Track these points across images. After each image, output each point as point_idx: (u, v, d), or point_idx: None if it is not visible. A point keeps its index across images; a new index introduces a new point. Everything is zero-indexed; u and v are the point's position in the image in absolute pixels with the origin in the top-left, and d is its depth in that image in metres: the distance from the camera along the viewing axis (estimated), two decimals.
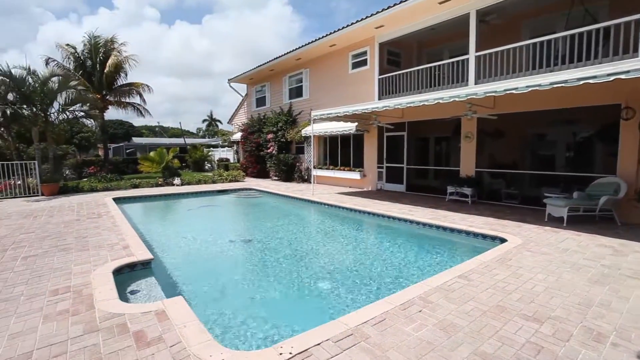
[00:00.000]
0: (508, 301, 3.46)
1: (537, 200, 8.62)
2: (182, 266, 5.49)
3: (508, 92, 6.12)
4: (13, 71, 12.08)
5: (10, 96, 12.26)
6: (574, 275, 4.15)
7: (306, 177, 16.10)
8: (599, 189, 7.15)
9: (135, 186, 14.03)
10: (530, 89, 5.81)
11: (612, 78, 4.89)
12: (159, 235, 7.38)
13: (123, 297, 3.71)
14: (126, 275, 4.49)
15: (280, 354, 2.53)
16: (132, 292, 4.11)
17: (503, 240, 5.82)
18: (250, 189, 14.20)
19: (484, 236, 6.27)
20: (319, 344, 2.65)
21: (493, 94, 6.40)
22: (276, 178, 17.57)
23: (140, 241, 5.72)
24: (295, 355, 2.52)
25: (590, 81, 5.12)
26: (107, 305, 3.34)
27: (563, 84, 5.40)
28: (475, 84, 9.07)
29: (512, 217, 7.65)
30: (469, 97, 6.86)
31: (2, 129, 14.09)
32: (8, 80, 11.96)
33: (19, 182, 11.86)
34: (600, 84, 5.35)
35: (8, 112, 11.75)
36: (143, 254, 4.98)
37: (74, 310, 3.26)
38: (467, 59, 9.30)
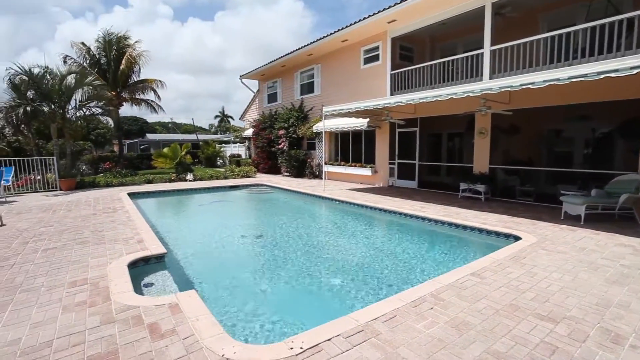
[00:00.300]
0: (522, 300, 3.40)
1: (552, 197, 8.43)
2: (195, 260, 5.58)
3: (524, 87, 5.97)
4: (33, 70, 12.43)
5: (29, 94, 12.61)
6: (592, 275, 4.05)
7: (317, 173, 16.10)
8: (619, 187, 6.93)
9: (149, 181, 14.29)
10: (547, 84, 5.66)
11: (635, 72, 4.72)
12: (172, 229, 7.51)
13: (138, 289, 3.80)
14: (140, 269, 4.59)
15: (291, 348, 2.55)
16: (146, 285, 4.20)
17: (517, 238, 5.72)
18: (261, 185, 14.29)
19: (498, 234, 6.17)
20: (329, 340, 2.66)
21: (508, 89, 6.26)
22: (287, 174, 17.63)
23: (154, 235, 5.83)
24: (306, 350, 2.54)
25: (612, 75, 4.95)
26: (123, 298, 3.42)
27: (582, 78, 5.24)
28: (490, 78, 8.88)
29: (526, 214, 7.50)
30: (483, 93, 6.72)
31: (23, 126, 14.51)
32: (28, 78, 12.30)
33: (39, 177, 12.23)
34: (622, 78, 5.16)
35: (28, 109, 12.09)
36: (157, 248, 5.08)
37: (91, 302, 3.35)
38: (482, 54, 9.11)
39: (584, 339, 2.71)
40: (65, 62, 17.54)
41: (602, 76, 5.03)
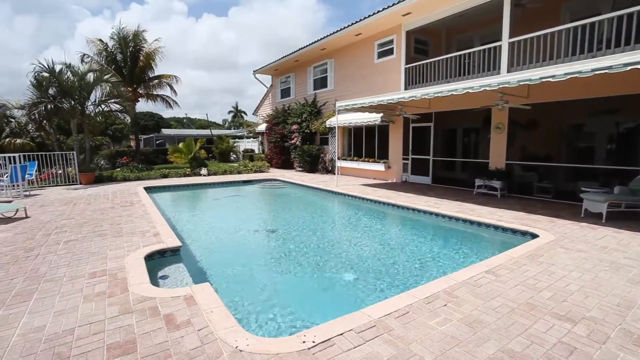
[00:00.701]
0: (538, 299, 3.33)
1: (572, 194, 8.18)
2: (209, 254, 5.67)
3: (544, 80, 5.79)
4: (55, 67, 12.81)
5: (51, 91, 12.99)
6: (613, 275, 3.92)
7: (330, 169, 16.08)
8: None
9: (165, 176, 14.56)
10: (569, 77, 5.46)
11: None
12: (186, 223, 7.64)
13: (154, 281, 3.89)
14: (156, 261, 4.70)
15: (304, 342, 2.57)
16: (162, 277, 4.30)
17: (534, 236, 5.58)
18: (274, 180, 14.38)
19: (514, 231, 6.04)
20: (341, 334, 2.67)
21: (527, 83, 6.08)
22: (300, 169, 17.67)
23: (169, 229, 5.95)
24: (318, 344, 2.55)
25: (639, 66, 4.74)
26: (140, 289, 3.51)
27: (607, 71, 5.04)
28: (508, 72, 8.64)
29: (544, 211, 7.31)
30: (500, 86, 6.55)
31: (45, 122, 14.97)
32: (50, 75, 12.67)
33: (60, 172, 12.63)
34: None
35: (50, 106, 12.47)
36: (172, 242, 5.19)
37: (110, 292, 3.46)
38: (500, 46, 8.86)
39: (605, 341, 2.63)
40: (82, 60, 17.95)
41: (629, 68, 4.82)
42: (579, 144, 8.60)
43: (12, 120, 18.33)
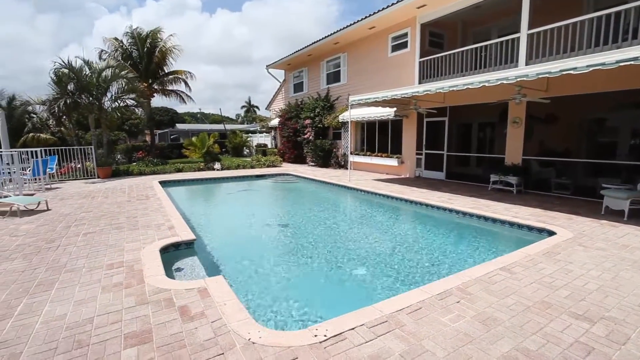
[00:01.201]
0: (555, 297, 3.25)
1: (592, 191, 7.94)
2: (222, 247, 5.75)
3: (565, 72, 5.60)
4: (73, 63, 13.15)
5: (70, 87, 13.34)
6: (635, 274, 3.80)
7: (343, 163, 16.04)
8: None
9: (179, 170, 14.80)
10: (591, 69, 5.27)
11: None
12: (201, 217, 7.76)
13: (169, 273, 3.97)
14: (171, 254, 4.79)
15: (315, 335, 2.59)
16: (177, 270, 4.38)
17: (551, 233, 5.45)
18: (287, 174, 14.43)
19: (530, 228, 5.91)
20: (353, 329, 2.68)
21: (547, 75, 5.90)
22: (313, 164, 17.68)
23: (184, 222, 6.06)
24: (330, 337, 2.56)
25: None
26: (155, 281, 3.60)
27: (633, 62, 4.83)
28: (526, 64, 8.39)
29: (562, 208, 7.12)
30: (518, 80, 6.37)
31: (64, 117, 15.39)
32: (69, 71, 13.00)
33: (79, 166, 12.99)
34: None
35: (69, 101, 12.81)
36: (187, 235, 5.28)
37: (127, 284, 3.55)
38: (518, 38, 8.60)
39: (624, 342, 2.56)
40: (100, 57, 18.32)
41: None
42: (601, 138, 8.30)
43: (35, 115, 18.91)
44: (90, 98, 13.32)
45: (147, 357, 2.36)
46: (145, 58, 18.96)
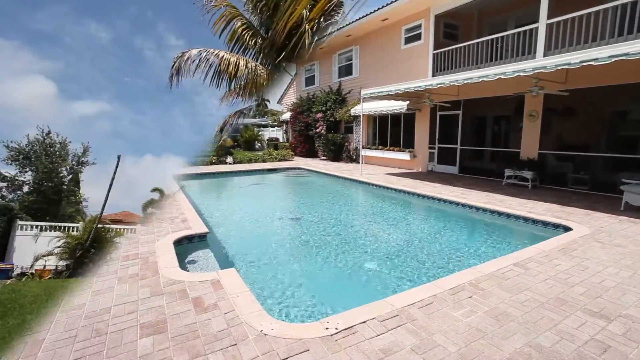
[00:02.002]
0: (570, 294, 3.19)
1: (611, 186, 7.70)
2: (235, 240, 5.83)
3: (585, 64, 5.41)
4: None
5: None
6: None
7: (354, 157, 15.97)
8: None
9: (192, 164, 15.00)
10: (614, 59, 5.07)
11: None
12: (213, 210, 7.87)
13: (182, 265, 4.05)
14: (185, 246, 4.88)
15: (327, 328, 2.61)
16: (190, 262, 4.47)
17: (567, 229, 5.32)
18: (299, 168, 14.47)
19: (545, 223, 5.79)
20: (364, 322, 2.69)
21: (566, 67, 5.72)
22: (324, 158, 17.66)
23: (197, 215, 6.15)
24: (341, 330, 2.58)
25: None
26: (169, 272, 3.68)
27: None
28: (544, 56, 8.13)
29: (579, 204, 6.94)
30: (536, 72, 6.19)
31: None
32: None
33: None
34: None
35: None
36: (200, 228, 5.37)
37: (142, 275, 3.64)
38: (536, 28, 8.33)
39: None
40: None
41: None
42: (622, 132, 8.02)
43: None
44: None
45: (162, 346, 2.43)
46: None
